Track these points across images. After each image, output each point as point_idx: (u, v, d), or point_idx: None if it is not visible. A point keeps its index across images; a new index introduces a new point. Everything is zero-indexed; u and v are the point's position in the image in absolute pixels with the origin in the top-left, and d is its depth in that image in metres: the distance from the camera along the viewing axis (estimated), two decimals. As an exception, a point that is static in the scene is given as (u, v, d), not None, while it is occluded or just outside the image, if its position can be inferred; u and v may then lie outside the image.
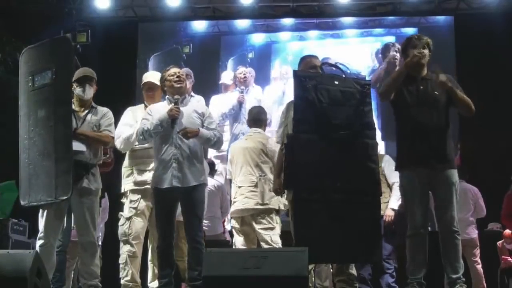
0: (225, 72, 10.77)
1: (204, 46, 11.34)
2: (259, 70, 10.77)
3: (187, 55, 11.08)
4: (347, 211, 4.98)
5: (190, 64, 10.54)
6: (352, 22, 11.19)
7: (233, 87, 10.14)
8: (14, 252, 4.73)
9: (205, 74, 10.46)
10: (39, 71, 5.82)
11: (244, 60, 11.08)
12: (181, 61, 10.77)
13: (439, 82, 5.25)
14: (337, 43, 11.26)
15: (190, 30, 11.47)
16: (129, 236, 6.13)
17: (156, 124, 5.65)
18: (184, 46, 11.15)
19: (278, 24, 11.40)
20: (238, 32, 11.52)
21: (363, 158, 5.08)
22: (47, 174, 5.62)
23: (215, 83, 10.68)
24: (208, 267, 4.47)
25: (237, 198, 6.64)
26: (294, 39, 11.40)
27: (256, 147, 6.62)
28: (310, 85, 5.03)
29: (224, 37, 11.62)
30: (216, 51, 11.37)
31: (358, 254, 5.11)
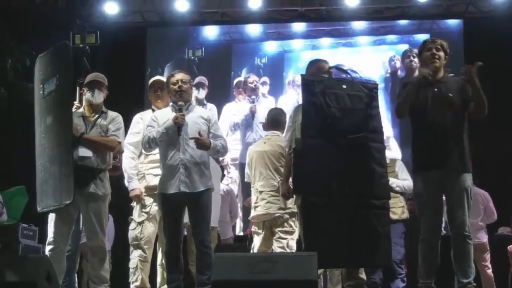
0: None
1: (215, 54, 11.32)
2: (272, 79, 10.74)
3: (200, 59, 11.06)
4: (356, 215, 4.97)
5: (201, 70, 10.55)
6: (364, 29, 11.18)
7: (243, 93, 10.08)
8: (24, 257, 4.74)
9: (216, 83, 10.45)
10: (47, 78, 5.90)
11: (258, 70, 11.04)
12: (193, 65, 10.82)
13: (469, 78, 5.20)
14: (350, 52, 11.23)
15: (201, 37, 11.48)
16: (140, 241, 6.17)
17: (162, 132, 5.68)
18: (196, 50, 11.14)
19: (289, 31, 11.39)
20: (250, 39, 11.52)
21: (371, 161, 5.07)
22: (54, 180, 5.68)
23: (227, 92, 10.67)
24: (217, 272, 4.47)
25: (259, 203, 6.57)
26: (306, 48, 11.38)
27: (275, 150, 6.57)
28: (317, 89, 5.04)
29: (235, 45, 11.61)
30: (228, 59, 11.35)
31: (367, 258, 5.10)
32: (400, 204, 7.26)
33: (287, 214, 6.45)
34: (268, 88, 10.39)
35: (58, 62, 5.88)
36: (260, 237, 6.60)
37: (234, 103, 10.17)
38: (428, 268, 5.23)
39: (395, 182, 7.06)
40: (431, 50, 5.36)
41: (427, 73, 5.27)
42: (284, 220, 6.46)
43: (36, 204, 5.87)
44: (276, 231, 6.49)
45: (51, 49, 6.00)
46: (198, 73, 10.32)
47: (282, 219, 6.46)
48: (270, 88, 10.48)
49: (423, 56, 5.44)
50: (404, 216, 7.30)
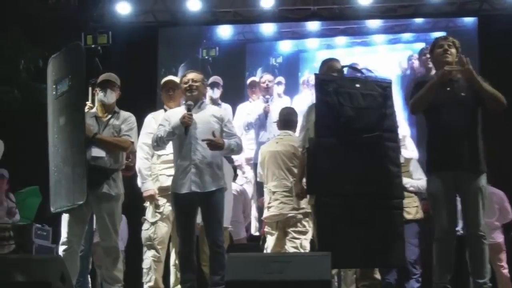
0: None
1: (229, 53, 11.29)
2: (287, 79, 10.68)
3: (214, 58, 11.02)
4: (370, 215, 4.97)
5: (215, 70, 10.52)
6: (378, 27, 11.11)
7: (258, 93, 10.03)
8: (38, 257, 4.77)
9: (231, 82, 10.41)
10: (60, 79, 5.94)
11: (272, 70, 10.99)
12: (207, 65, 10.80)
13: (465, 68, 5.20)
14: (365, 51, 11.15)
15: (215, 37, 11.45)
16: (154, 241, 6.18)
17: (169, 131, 5.70)
18: (210, 50, 11.09)
19: (304, 30, 11.32)
20: (264, 39, 11.47)
21: (385, 161, 5.07)
22: (67, 180, 5.72)
23: (241, 92, 10.62)
24: (231, 272, 4.48)
25: (272, 203, 6.58)
26: (322, 48, 11.31)
27: (287, 150, 6.58)
28: (331, 88, 5.04)
29: (249, 44, 11.56)
30: (242, 59, 11.31)
31: (381, 258, 5.10)
32: (414, 204, 7.25)
33: (300, 214, 6.45)
34: (283, 88, 10.34)
35: (71, 62, 5.92)
36: (273, 238, 6.61)
37: (248, 103, 10.12)
38: (442, 268, 5.22)
39: (409, 182, 7.05)
40: (443, 47, 5.35)
41: (448, 70, 5.24)
42: (297, 220, 6.46)
43: (50, 204, 5.90)
44: (289, 231, 6.50)
45: (64, 50, 6.04)
46: (212, 73, 10.29)
47: (295, 219, 6.47)
48: (285, 88, 10.43)
49: (435, 53, 5.42)
50: (418, 216, 7.29)
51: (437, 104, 5.26)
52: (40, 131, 6.14)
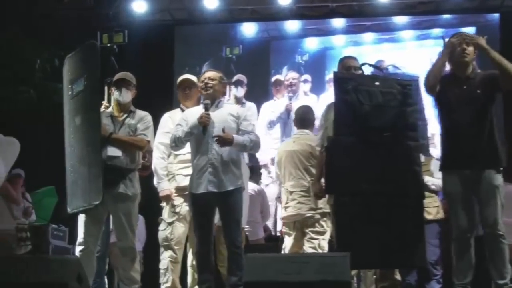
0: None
1: (253, 51, 11.22)
2: (313, 77, 10.55)
3: (237, 56, 10.93)
4: (390, 215, 4.96)
5: (240, 68, 10.41)
6: (405, 23, 10.98)
7: (282, 91, 9.94)
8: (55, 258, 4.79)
9: (255, 81, 10.32)
10: (75, 79, 5.96)
11: (298, 68, 10.92)
12: (231, 63, 10.74)
13: (476, 41, 5.18)
14: (394, 48, 11.03)
15: (238, 35, 11.42)
16: (171, 241, 6.18)
17: (187, 131, 5.71)
18: (234, 48, 11.01)
19: (329, 27, 11.23)
20: (288, 36, 11.39)
21: (405, 160, 5.05)
22: (83, 180, 5.75)
23: (266, 90, 10.55)
24: (249, 273, 4.49)
25: (289, 203, 6.58)
26: (348, 45, 11.20)
27: (304, 150, 6.57)
28: (350, 86, 5.03)
29: (274, 42, 11.49)
30: (266, 56, 11.26)
31: (402, 259, 5.08)
32: (435, 203, 7.23)
33: (318, 214, 6.44)
34: (309, 86, 10.24)
35: (86, 62, 5.94)
36: (291, 238, 6.61)
37: (272, 101, 10.00)
38: (463, 268, 5.19)
39: (430, 180, 7.03)
40: (461, 45, 5.32)
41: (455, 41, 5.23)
42: (315, 221, 6.46)
43: (66, 204, 5.93)
44: (307, 232, 6.49)
45: (79, 49, 6.06)
46: (236, 71, 10.18)
47: (313, 219, 6.46)
48: (312, 86, 10.32)
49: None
50: (439, 216, 7.26)
51: (452, 101, 5.25)
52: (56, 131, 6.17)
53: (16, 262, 4.69)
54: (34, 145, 9.25)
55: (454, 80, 5.31)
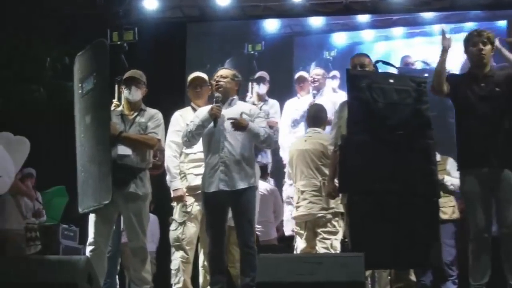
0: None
1: (276, 48, 11.08)
2: (342, 73, 10.00)
3: (260, 53, 10.74)
4: (405, 215, 4.94)
5: (262, 65, 10.24)
6: (433, 17, 10.72)
7: (306, 88, 9.65)
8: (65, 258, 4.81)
9: (278, 78, 10.18)
10: (85, 77, 5.98)
11: (326, 64, 10.76)
12: (253, 60, 10.60)
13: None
14: (426, 42, 10.76)
15: (261, 31, 11.29)
16: (182, 242, 6.16)
17: (198, 125, 5.70)
18: (256, 44, 10.82)
19: (355, 22, 11.06)
20: (312, 31, 11.21)
21: (420, 159, 5.04)
22: (93, 180, 5.76)
23: (289, 87, 10.41)
24: (262, 273, 4.49)
25: (301, 203, 6.57)
26: (379, 39, 11.02)
27: (316, 149, 6.55)
28: (364, 84, 5.02)
29: (298, 38, 11.33)
30: (289, 52, 11.14)
31: (417, 259, 5.06)
32: (450, 203, 7.20)
33: (329, 214, 6.43)
34: (338, 82, 10.03)
35: (95, 60, 5.95)
36: (302, 238, 6.60)
37: (295, 98, 9.74)
38: (479, 269, 5.17)
39: (449, 180, 7.00)
40: (477, 45, 5.30)
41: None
42: (327, 220, 6.44)
43: (77, 204, 5.95)
44: (319, 232, 6.48)
45: (88, 47, 6.08)
46: (258, 68, 10.05)
47: (325, 219, 6.44)
48: (341, 82, 10.01)
49: (469, 51, 5.39)
50: (455, 216, 7.24)
51: (470, 100, 5.23)
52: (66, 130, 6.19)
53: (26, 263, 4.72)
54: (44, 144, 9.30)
55: (472, 78, 5.30)
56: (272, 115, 9.26)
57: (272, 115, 9.26)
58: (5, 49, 10.10)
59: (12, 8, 10.02)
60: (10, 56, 10.17)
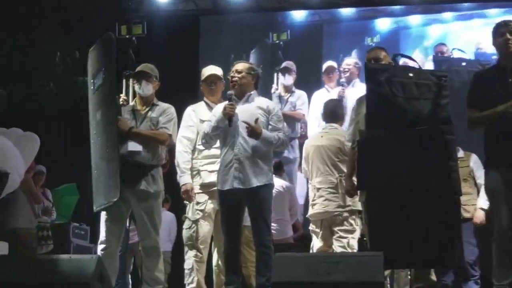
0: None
1: (303, 36, 10.82)
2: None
3: (285, 42, 10.46)
4: (425, 212, 4.93)
5: (287, 56, 10.07)
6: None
7: (335, 79, 9.44)
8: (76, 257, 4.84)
9: (306, 68, 9.99)
10: (96, 73, 6.01)
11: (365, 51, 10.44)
12: (278, 50, 10.37)
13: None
14: (486, 24, 9.84)
15: (288, 19, 11.06)
16: (196, 241, 6.17)
17: (213, 126, 5.73)
18: (281, 33, 10.54)
19: (387, 9, 10.69)
20: (343, 19, 10.86)
21: (440, 155, 5.02)
22: (104, 177, 5.79)
23: (318, 78, 10.04)
24: (277, 273, 4.49)
25: (317, 200, 6.57)
26: (431, 23, 10.51)
27: (332, 144, 6.56)
28: (383, 78, 5.00)
29: (328, 26, 11.03)
30: (318, 41, 10.86)
31: (437, 258, 5.05)
32: (473, 201, 7.17)
33: (346, 212, 6.43)
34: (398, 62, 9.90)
35: (104, 55, 5.98)
36: (318, 237, 6.60)
37: (324, 90, 9.44)
38: (503, 269, 5.14)
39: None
40: (504, 35, 5.26)
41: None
42: (344, 219, 6.44)
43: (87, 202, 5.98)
44: (335, 230, 6.48)
45: (98, 42, 6.10)
46: (284, 59, 9.87)
47: (342, 217, 6.44)
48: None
49: (497, 42, 5.34)
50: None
51: (497, 96, 5.18)
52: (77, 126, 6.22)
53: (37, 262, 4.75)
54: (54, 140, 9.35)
55: (498, 73, 5.25)
56: (299, 107, 9.19)
57: (299, 107, 9.18)
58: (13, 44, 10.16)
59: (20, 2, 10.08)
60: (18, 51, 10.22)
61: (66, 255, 5.39)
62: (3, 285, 4.48)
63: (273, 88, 9.30)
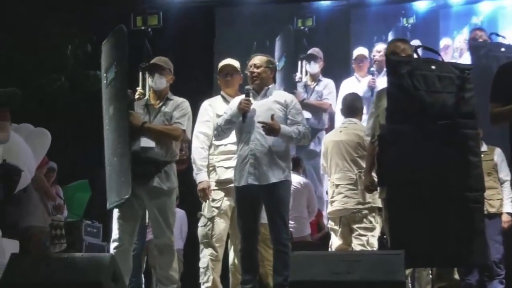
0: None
1: (329, 22, 10.63)
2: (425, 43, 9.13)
3: (310, 28, 10.31)
4: (447, 209, 4.91)
5: (313, 43, 9.95)
6: None
7: (367, 66, 9.22)
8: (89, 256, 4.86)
9: (332, 56, 9.88)
10: (109, 67, 6.03)
11: (404, 32, 10.01)
12: (303, 37, 10.23)
13: None
14: None
15: (313, 4, 10.93)
16: (211, 239, 6.16)
17: (227, 119, 5.74)
18: (306, 19, 10.34)
19: None
20: (372, 3, 10.62)
21: (463, 150, 5.00)
22: (116, 174, 5.81)
23: (346, 66, 9.93)
24: (295, 272, 4.50)
25: (335, 197, 6.58)
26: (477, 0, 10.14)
27: (352, 140, 6.55)
28: (404, 71, 4.98)
29: (355, 10, 10.83)
30: (345, 27, 10.67)
31: (461, 256, 5.04)
32: (498, 196, 7.15)
33: (366, 209, 6.42)
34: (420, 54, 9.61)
35: (115, 48, 5.99)
36: (337, 234, 6.60)
37: (353, 79, 9.33)
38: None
39: None
40: None
41: None
42: (363, 216, 6.44)
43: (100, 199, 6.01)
44: (355, 228, 6.48)
45: (110, 35, 6.12)
46: (309, 46, 9.79)
47: (361, 214, 6.44)
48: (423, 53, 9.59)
49: None
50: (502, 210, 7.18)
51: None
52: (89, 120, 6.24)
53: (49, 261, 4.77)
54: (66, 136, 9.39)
55: None
56: (325, 96, 9.06)
57: (326, 96, 9.05)
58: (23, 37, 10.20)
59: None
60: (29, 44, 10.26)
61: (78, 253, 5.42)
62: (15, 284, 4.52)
63: (297, 76, 9.19)
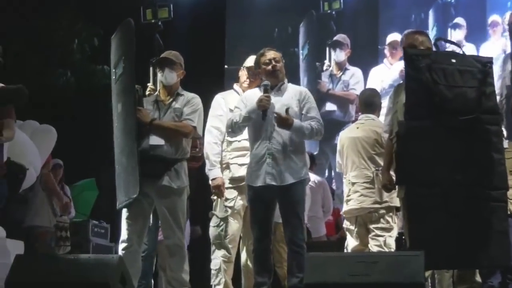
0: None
1: (357, 6, 10.46)
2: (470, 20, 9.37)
3: (338, 12, 9.99)
4: (469, 209, 4.91)
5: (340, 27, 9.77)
6: None
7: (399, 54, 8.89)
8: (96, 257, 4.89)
9: (360, 42, 9.80)
10: (117, 62, 6.04)
11: (446, 9, 9.82)
12: (330, 21, 9.98)
13: None
14: None
15: None
16: (224, 239, 6.16)
17: (245, 116, 5.73)
18: (333, 2, 9.96)
19: None
20: None
21: (486, 147, 4.99)
22: (124, 173, 5.82)
23: (374, 54, 9.89)
24: (310, 273, 4.51)
25: (351, 196, 6.56)
26: None
27: (369, 136, 6.54)
28: (423, 64, 4.98)
29: None
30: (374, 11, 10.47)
31: (483, 258, 5.03)
32: (523, 194, 7.12)
33: (383, 208, 6.41)
34: (463, 33, 9.21)
35: (123, 43, 6.01)
36: (353, 235, 6.60)
37: (382, 66, 9.25)
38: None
39: None
40: None
41: None
42: (380, 216, 6.43)
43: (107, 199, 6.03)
44: (371, 228, 6.46)
45: (118, 29, 6.13)
46: (336, 30, 9.71)
47: (378, 214, 6.43)
48: (468, 32, 9.24)
49: None
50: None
51: None
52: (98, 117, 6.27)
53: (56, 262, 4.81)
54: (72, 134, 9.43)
55: None
56: (352, 86, 8.97)
57: (353, 87, 9.00)
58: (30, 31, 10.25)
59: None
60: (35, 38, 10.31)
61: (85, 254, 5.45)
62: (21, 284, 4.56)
63: (325, 64, 9.08)
